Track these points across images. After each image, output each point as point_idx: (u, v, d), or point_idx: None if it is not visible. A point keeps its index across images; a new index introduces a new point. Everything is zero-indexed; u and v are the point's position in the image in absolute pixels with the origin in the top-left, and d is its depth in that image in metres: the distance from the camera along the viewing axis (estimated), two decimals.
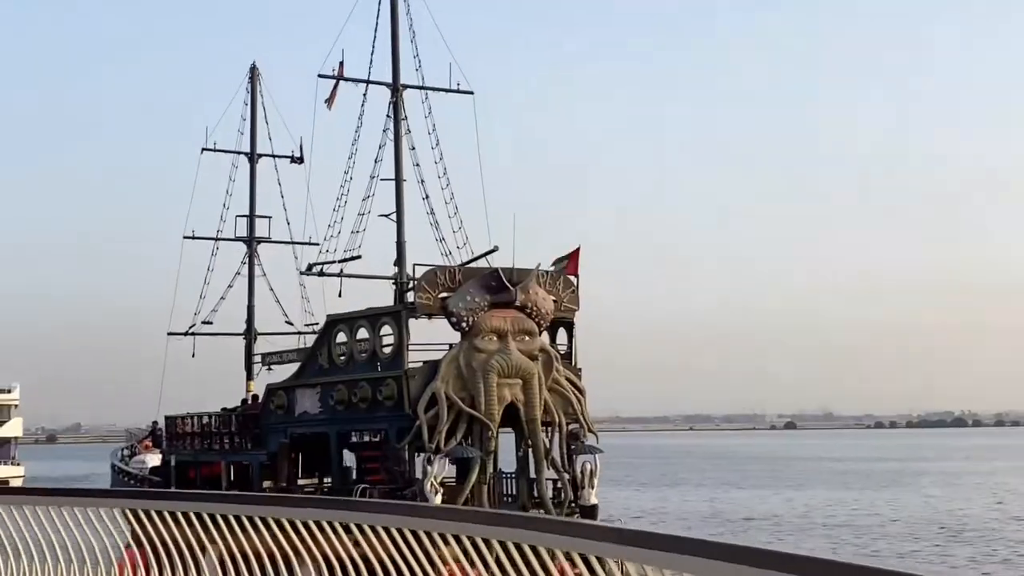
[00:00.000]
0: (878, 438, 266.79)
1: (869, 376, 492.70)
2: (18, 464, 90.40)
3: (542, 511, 26.02)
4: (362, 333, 27.46)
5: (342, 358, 27.84)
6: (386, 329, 26.78)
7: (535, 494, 26.38)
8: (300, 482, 30.26)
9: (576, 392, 27.26)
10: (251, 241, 37.83)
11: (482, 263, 29.11)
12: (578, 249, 28.43)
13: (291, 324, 37.60)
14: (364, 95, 30.44)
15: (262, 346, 37.26)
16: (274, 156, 37.95)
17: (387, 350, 26.83)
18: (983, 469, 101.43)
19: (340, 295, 31.38)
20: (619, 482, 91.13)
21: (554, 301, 27.27)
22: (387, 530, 7.76)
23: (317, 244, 32.92)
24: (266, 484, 29.57)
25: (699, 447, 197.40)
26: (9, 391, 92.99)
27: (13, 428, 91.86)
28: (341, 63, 30.48)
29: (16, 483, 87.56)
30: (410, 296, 27.07)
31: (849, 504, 61.27)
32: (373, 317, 27.33)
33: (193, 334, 37.68)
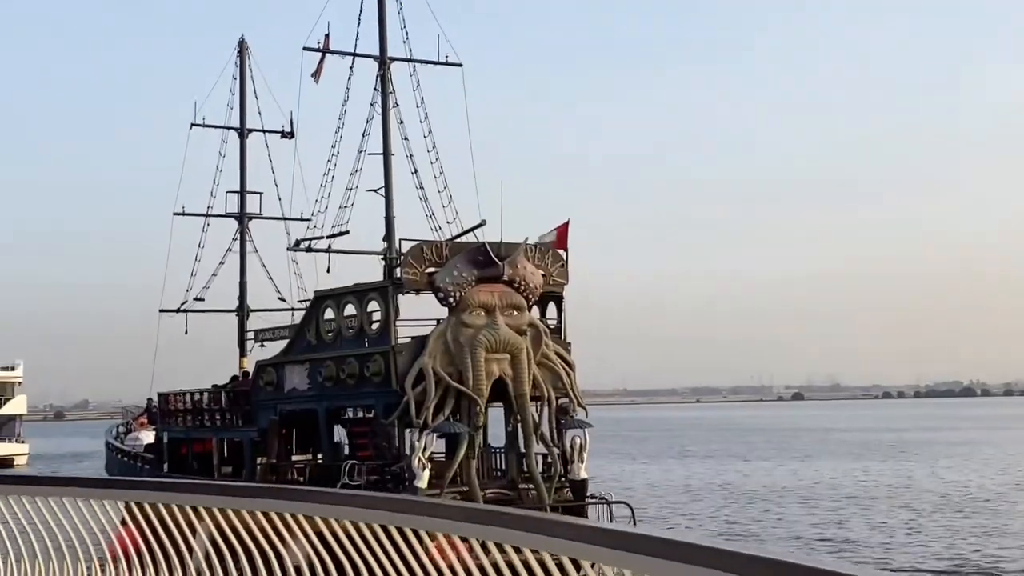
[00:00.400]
0: (886, 408, 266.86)
1: (876, 346, 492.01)
2: (23, 442, 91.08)
3: (531, 486, 26.01)
4: (350, 309, 27.34)
5: (330, 334, 27.73)
6: (373, 305, 26.63)
7: (524, 469, 26.25)
8: (294, 458, 30.15)
9: (566, 366, 27.10)
10: (242, 217, 37.67)
11: (470, 238, 28.89)
12: (567, 223, 28.23)
13: (284, 300, 37.50)
14: (351, 68, 30.22)
15: (255, 323, 37.19)
16: (264, 131, 37.74)
17: (375, 326, 26.66)
18: (995, 439, 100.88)
19: (328, 271, 31.34)
20: (625, 455, 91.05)
21: (543, 275, 27.08)
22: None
23: (308, 220, 32.73)
24: (259, 461, 29.53)
25: (706, 419, 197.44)
26: (12, 368, 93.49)
27: (17, 405, 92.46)
28: (327, 36, 30.23)
29: (21, 460, 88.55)
30: (398, 272, 26.86)
31: (857, 475, 60.75)
32: (360, 293, 27.19)
33: (185, 311, 37.63)
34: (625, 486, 55.55)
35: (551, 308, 28.20)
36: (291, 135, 37.75)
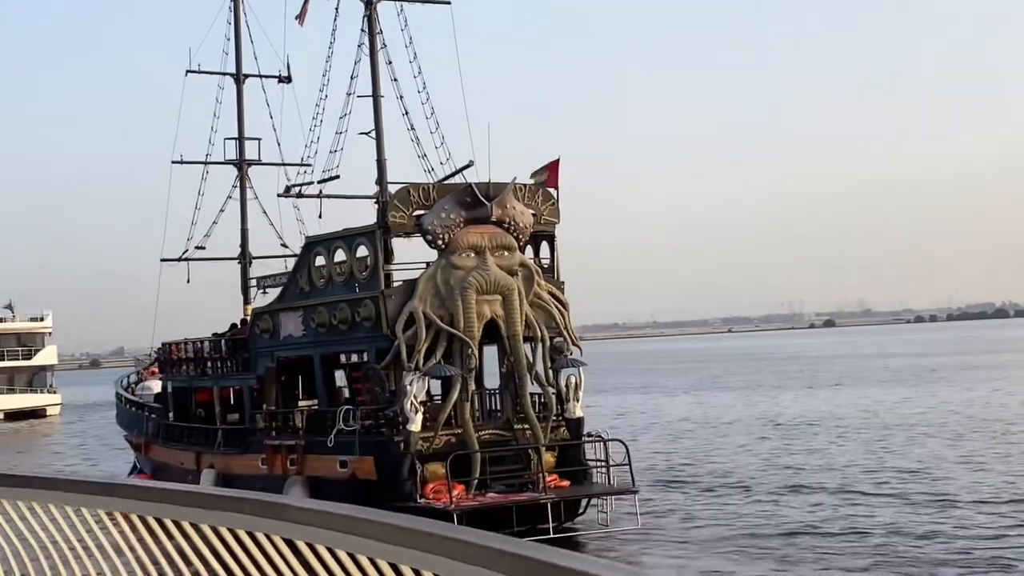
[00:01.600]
0: (919, 332, 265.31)
1: (906, 270, 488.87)
2: (55, 391, 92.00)
3: (527, 426, 26.02)
4: (339, 255, 27.25)
5: (321, 280, 27.67)
6: (363, 250, 26.52)
7: (519, 409, 26.25)
8: (301, 404, 30.17)
9: (559, 305, 27.02)
10: (241, 164, 37.55)
11: (459, 179, 28.65)
12: (557, 160, 27.97)
13: (286, 247, 37.40)
14: (336, 9, 29.91)
15: (257, 270, 37.19)
16: (261, 76, 37.48)
17: (365, 271, 26.58)
18: None
19: (320, 216, 31.22)
20: (650, 388, 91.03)
21: (533, 214, 26.89)
22: None
23: (308, 165, 32.52)
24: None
25: (737, 348, 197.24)
26: (41, 319, 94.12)
27: (48, 356, 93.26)
28: None
29: (53, 410, 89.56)
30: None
31: (893, 403, 59.30)
32: (349, 238, 27.11)
33: (187, 260, 37.67)
34: (649, 420, 55.72)
35: (544, 248, 27.96)
36: (288, 79, 37.55)
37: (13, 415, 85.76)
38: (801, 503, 28.66)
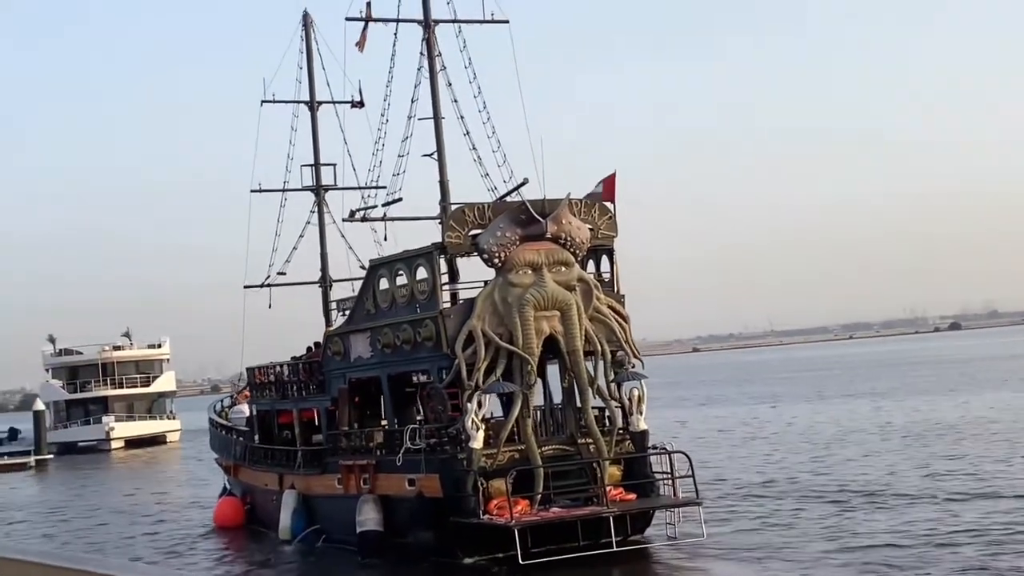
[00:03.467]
0: None
1: None
2: (174, 418, 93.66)
3: (590, 440, 26.15)
4: (401, 277, 27.73)
5: (385, 302, 28.19)
6: (421, 271, 26.94)
7: (582, 423, 26.41)
8: (383, 422, 30.63)
9: (619, 319, 27.14)
10: (318, 190, 38.39)
11: (515, 197, 28.92)
12: (614, 174, 28.11)
13: (365, 269, 38.01)
14: (395, 34, 30.46)
15: (338, 292, 37.94)
16: (334, 102, 38.33)
17: (424, 291, 27.00)
18: None
19: (385, 239, 31.92)
20: (760, 398, 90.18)
21: (590, 229, 27.04)
22: None
23: (384, 187, 33.11)
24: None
25: (857, 355, 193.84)
26: (159, 345, 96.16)
27: (166, 382, 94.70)
28: (368, 3, 30.53)
29: (174, 436, 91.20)
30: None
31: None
32: (409, 260, 27.60)
33: (269, 285, 38.57)
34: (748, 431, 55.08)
35: (604, 262, 28.08)
36: (361, 104, 38.27)
37: (134, 442, 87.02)
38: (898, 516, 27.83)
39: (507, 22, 31.21)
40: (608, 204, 27.79)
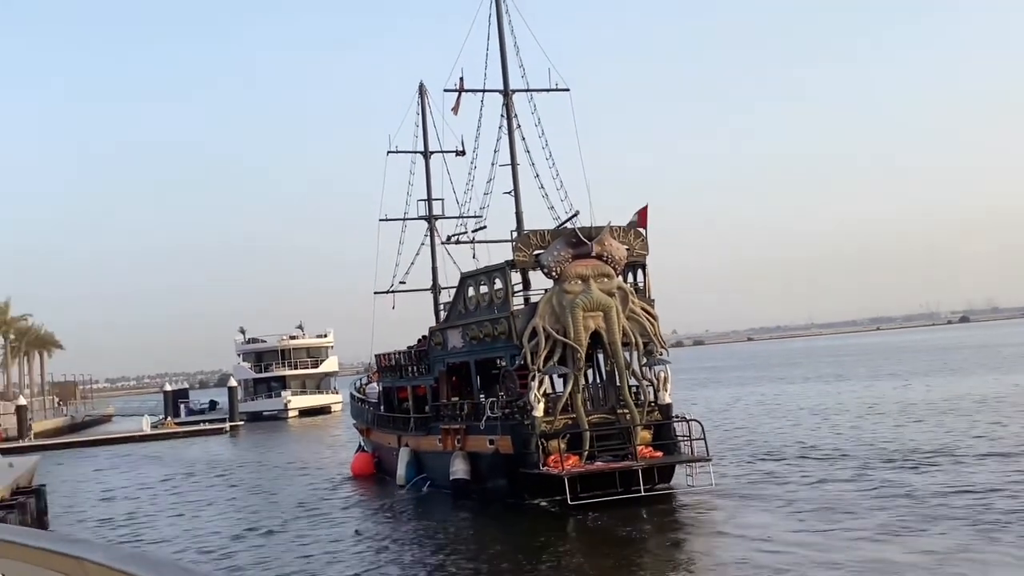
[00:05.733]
0: None
1: None
2: (336, 393, 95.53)
3: (626, 410, 26.75)
4: (483, 286, 28.66)
5: (473, 305, 29.13)
6: (498, 282, 27.89)
7: (620, 398, 27.01)
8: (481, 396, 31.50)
9: (650, 318, 27.73)
10: (430, 219, 39.53)
11: (569, 226, 29.66)
12: (646, 207, 28.70)
13: None
14: (482, 101, 31.45)
15: (445, 297, 38.88)
16: (443, 152, 39.42)
17: (500, 297, 27.88)
18: None
19: (474, 257, 32.90)
20: (786, 378, 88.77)
21: (627, 249, 27.69)
22: None
23: (479, 217, 34.11)
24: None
25: (883, 344, 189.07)
26: (325, 335, 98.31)
27: (330, 364, 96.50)
28: (461, 78, 31.58)
29: (336, 407, 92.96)
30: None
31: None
32: (488, 273, 28.60)
33: (392, 292, 39.77)
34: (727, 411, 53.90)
35: (639, 274, 28.65)
36: (463, 153, 39.26)
37: (305, 412, 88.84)
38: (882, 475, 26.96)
39: (568, 90, 31.99)
40: (641, 230, 28.37)
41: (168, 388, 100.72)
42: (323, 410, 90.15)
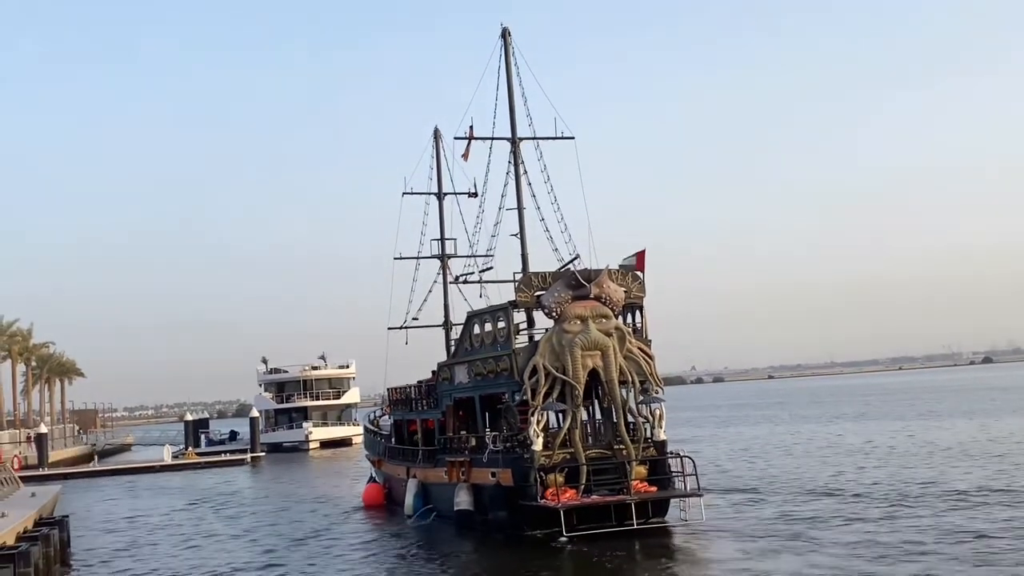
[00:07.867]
0: None
1: None
2: (357, 424, 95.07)
3: (623, 445, 27.56)
4: (487, 325, 29.63)
5: (478, 342, 30.12)
6: (501, 322, 28.88)
7: (616, 434, 27.83)
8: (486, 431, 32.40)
9: (646, 357, 28.59)
10: (443, 257, 40.67)
11: (570, 268, 30.63)
12: (643, 251, 29.63)
13: None
14: (490, 148, 32.65)
15: (456, 333, 39.84)
16: (456, 194, 40.63)
17: (503, 335, 28.83)
18: None
19: (481, 296, 33.99)
20: (809, 418, 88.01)
21: (624, 291, 28.64)
22: None
23: (491, 256, 35.16)
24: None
25: (905, 384, 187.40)
26: (347, 366, 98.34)
27: (352, 396, 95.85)
28: (471, 127, 32.78)
29: (357, 439, 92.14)
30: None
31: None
32: (492, 312, 29.62)
33: (406, 327, 40.82)
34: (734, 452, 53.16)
35: (637, 315, 29.51)
36: (475, 195, 40.43)
37: (326, 443, 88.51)
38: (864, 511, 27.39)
39: (573, 138, 33.08)
40: (638, 272, 29.30)
41: (189, 417, 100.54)
42: (344, 442, 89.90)
